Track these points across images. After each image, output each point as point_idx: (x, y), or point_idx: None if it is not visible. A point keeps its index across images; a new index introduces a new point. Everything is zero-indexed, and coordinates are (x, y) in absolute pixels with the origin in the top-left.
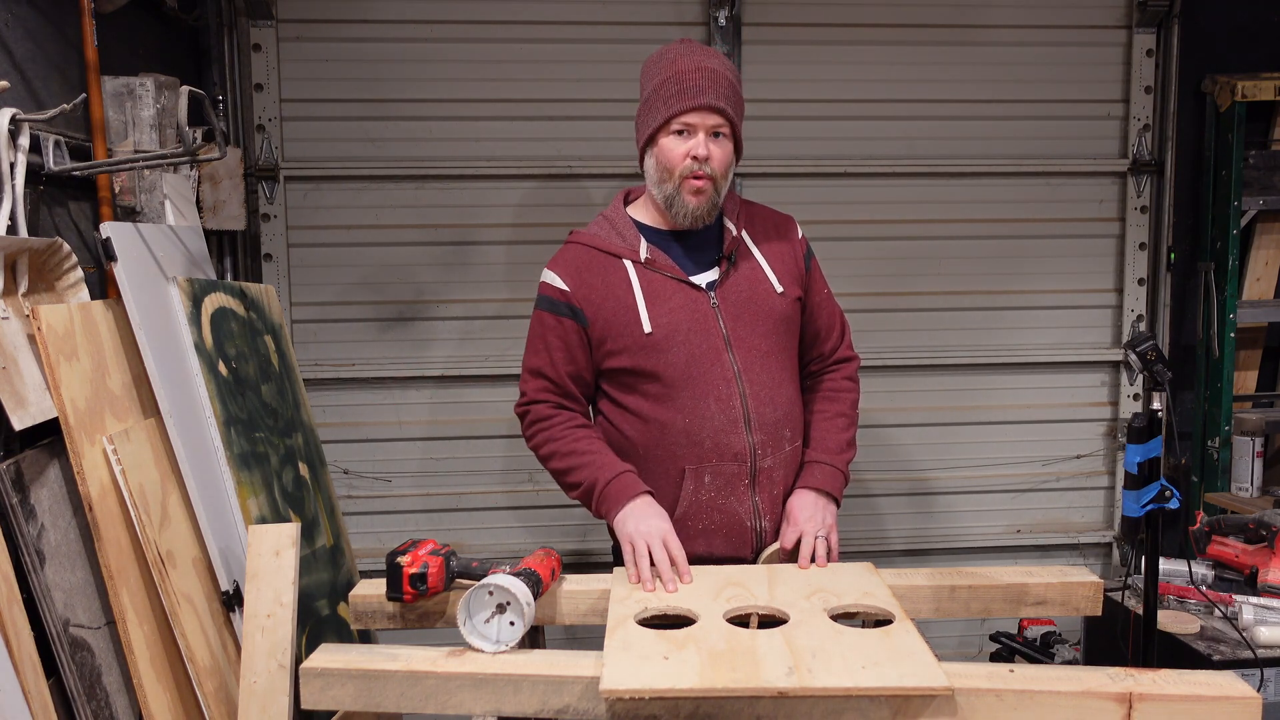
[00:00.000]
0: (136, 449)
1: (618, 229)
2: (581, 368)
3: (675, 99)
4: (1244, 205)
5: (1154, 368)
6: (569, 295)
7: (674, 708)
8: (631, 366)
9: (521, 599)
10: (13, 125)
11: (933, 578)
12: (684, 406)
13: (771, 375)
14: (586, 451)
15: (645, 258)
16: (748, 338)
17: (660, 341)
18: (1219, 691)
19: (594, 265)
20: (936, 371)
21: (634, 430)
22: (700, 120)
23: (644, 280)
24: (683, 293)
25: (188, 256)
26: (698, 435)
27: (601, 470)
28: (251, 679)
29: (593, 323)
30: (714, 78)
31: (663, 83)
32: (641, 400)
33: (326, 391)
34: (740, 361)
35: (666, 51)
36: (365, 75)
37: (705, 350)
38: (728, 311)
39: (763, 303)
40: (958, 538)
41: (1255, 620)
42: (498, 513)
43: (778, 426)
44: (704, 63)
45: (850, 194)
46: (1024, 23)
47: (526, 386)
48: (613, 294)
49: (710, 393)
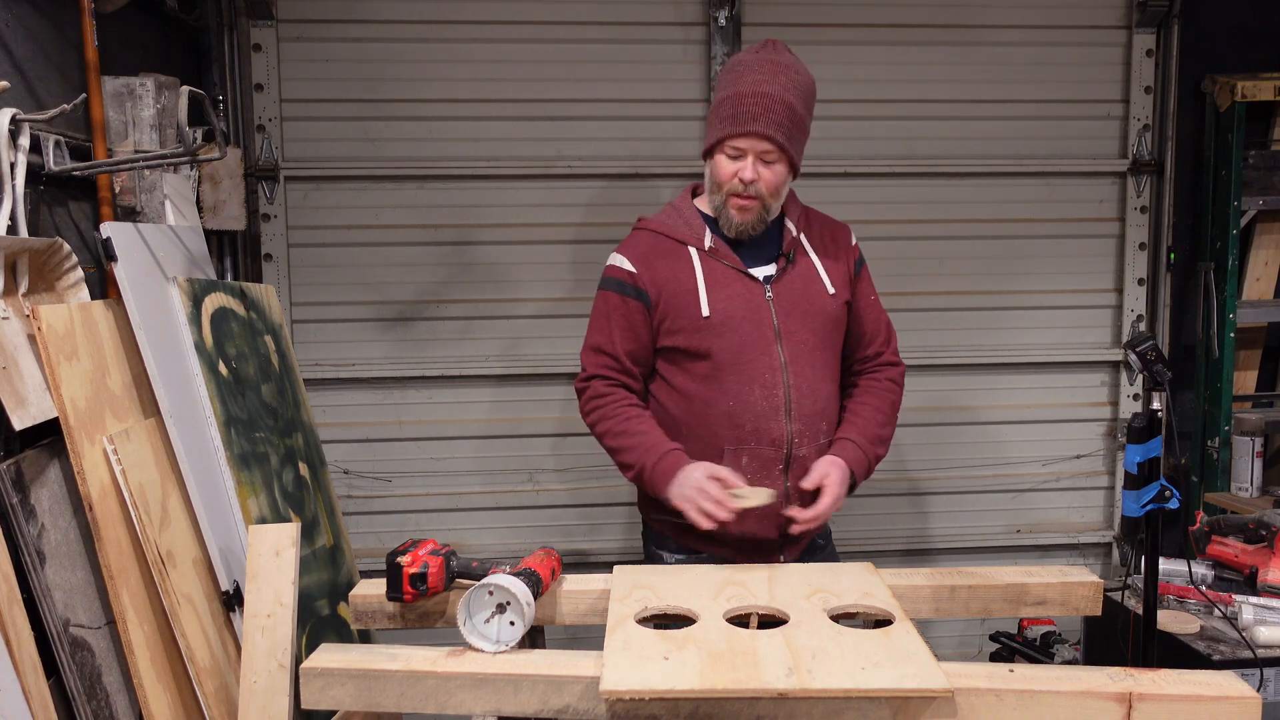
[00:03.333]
0: (136, 449)
1: (685, 218)
2: (641, 346)
3: (729, 122)
4: (1244, 205)
5: (1154, 368)
6: (636, 278)
7: (674, 708)
8: (685, 346)
9: (521, 599)
10: (13, 125)
11: (933, 578)
12: (729, 389)
13: (815, 370)
14: (637, 432)
15: (709, 246)
16: (797, 332)
17: (716, 325)
18: (1219, 691)
19: (660, 250)
20: (936, 371)
21: (679, 408)
22: (750, 146)
23: (706, 267)
24: (741, 282)
25: (188, 256)
26: (740, 418)
27: (649, 453)
28: (251, 679)
29: (656, 304)
30: (769, 104)
31: (723, 101)
32: (689, 380)
33: (326, 391)
34: (788, 353)
35: (739, 61)
36: (365, 75)
37: (756, 338)
38: (781, 306)
39: (815, 301)
40: (957, 538)
41: (1255, 620)
42: (498, 513)
43: (815, 419)
44: (763, 86)
45: (850, 194)
46: (1024, 23)
47: (587, 361)
48: (676, 277)
49: (756, 379)
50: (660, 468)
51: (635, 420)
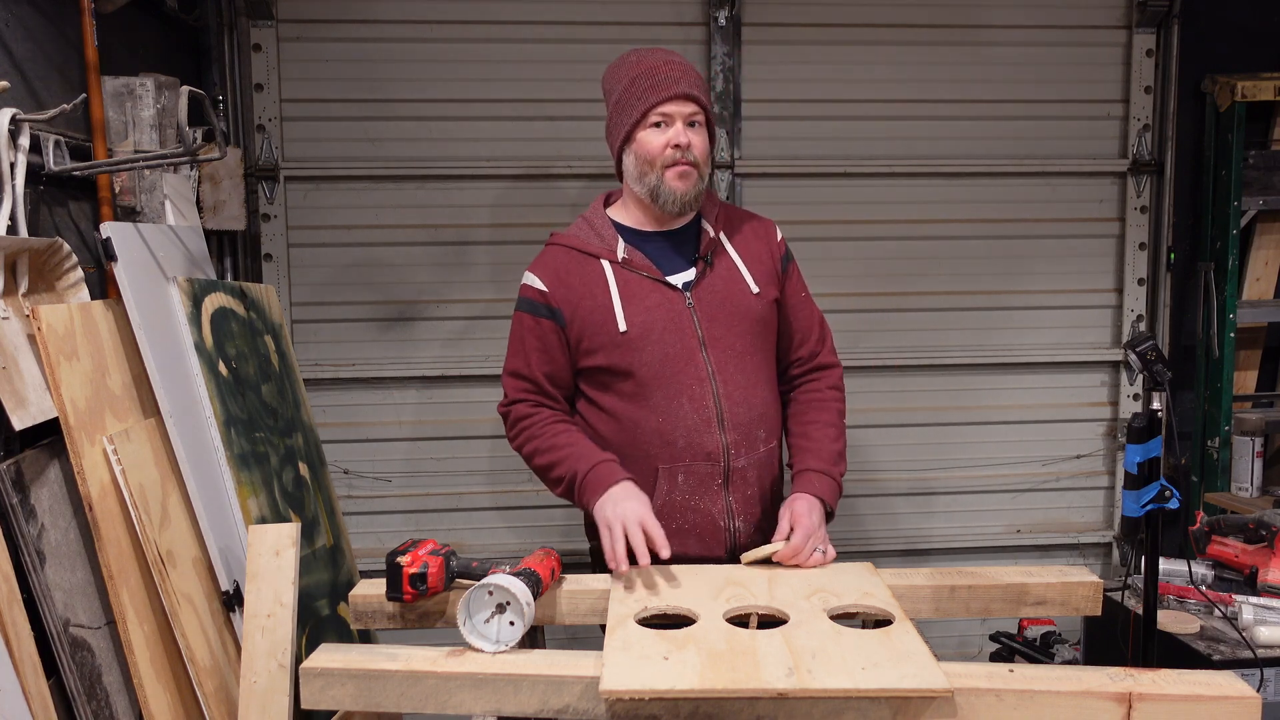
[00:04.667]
0: (136, 449)
1: (596, 229)
2: (559, 368)
3: (650, 91)
4: (1244, 205)
5: (1154, 368)
6: (547, 296)
7: (674, 708)
8: (607, 365)
9: (521, 599)
10: (13, 125)
11: (933, 578)
12: (657, 406)
13: (746, 375)
14: (566, 445)
15: (623, 258)
16: (723, 338)
17: (635, 340)
18: (1219, 691)
19: (572, 266)
20: (936, 371)
21: (609, 430)
22: (677, 109)
23: (620, 279)
24: (658, 292)
25: (188, 256)
26: (671, 435)
27: (580, 461)
28: (251, 679)
29: (570, 322)
30: (683, 69)
31: (633, 80)
32: (616, 400)
33: (326, 391)
34: (714, 361)
35: (626, 57)
36: (365, 75)
37: (679, 350)
38: (703, 312)
39: (738, 303)
40: (958, 538)
41: (1255, 620)
42: (498, 513)
43: (751, 427)
44: (669, 58)
45: (850, 194)
46: (1024, 23)
47: (507, 386)
48: (590, 293)
49: (683, 392)
50: (593, 476)
51: (564, 434)
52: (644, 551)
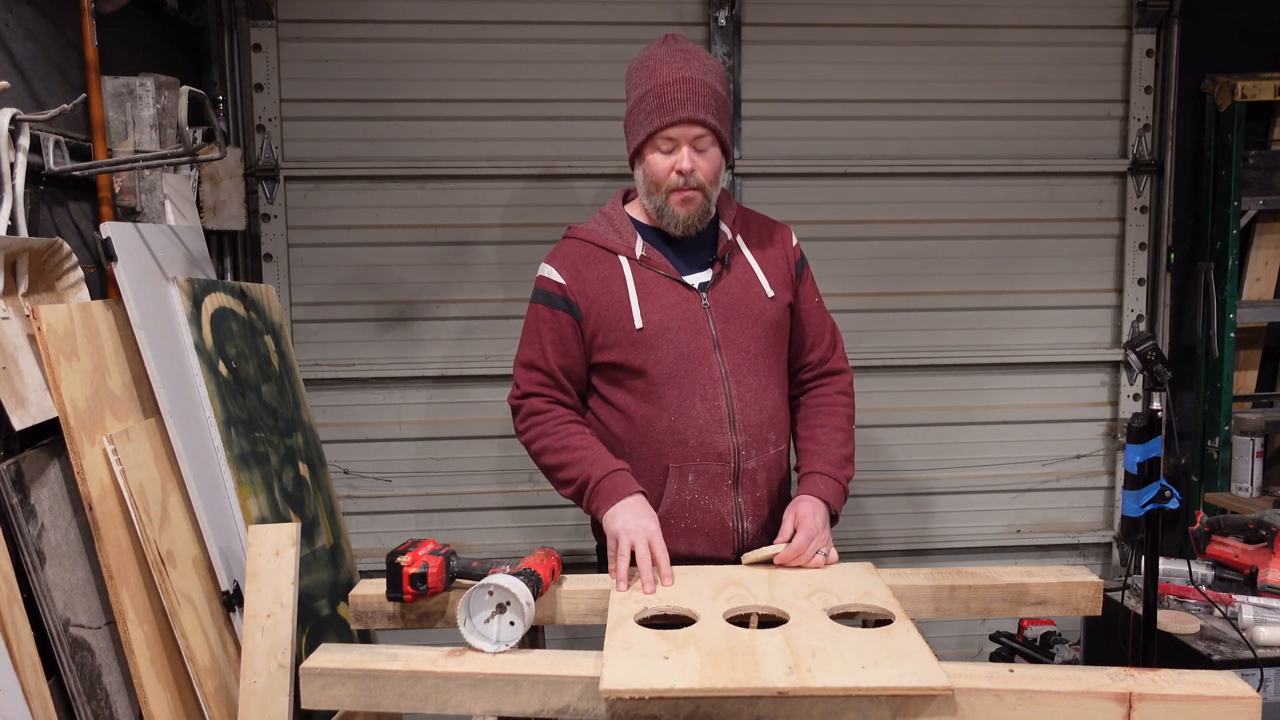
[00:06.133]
0: (136, 449)
1: (615, 226)
2: (574, 361)
3: (656, 114)
4: (1244, 205)
5: (1154, 368)
6: (565, 289)
7: (674, 707)
8: (620, 361)
9: (521, 599)
10: (13, 125)
11: (933, 578)
12: (670, 404)
13: (758, 378)
14: (580, 448)
15: (641, 255)
16: (737, 339)
17: (650, 337)
18: (1219, 691)
19: (590, 260)
20: (936, 371)
21: (620, 427)
22: (682, 134)
23: (638, 277)
24: (675, 291)
25: (188, 256)
26: (682, 434)
27: (595, 466)
28: (251, 679)
29: (586, 316)
30: (693, 88)
31: (643, 96)
32: (628, 397)
33: (326, 391)
34: (728, 362)
35: (648, 58)
36: (365, 75)
37: (694, 349)
38: (718, 313)
39: (753, 306)
40: (957, 538)
41: (1255, 620)
42: (498, 513)
43: (762, 429)
44: (683, 72)
45: (850, 194)
46: (1024, 23)
47: (520, 378)
48: (607, 289)
49: (696, 391)
50: (607, 484)
51: (578, 436)
52: (650, 578)
